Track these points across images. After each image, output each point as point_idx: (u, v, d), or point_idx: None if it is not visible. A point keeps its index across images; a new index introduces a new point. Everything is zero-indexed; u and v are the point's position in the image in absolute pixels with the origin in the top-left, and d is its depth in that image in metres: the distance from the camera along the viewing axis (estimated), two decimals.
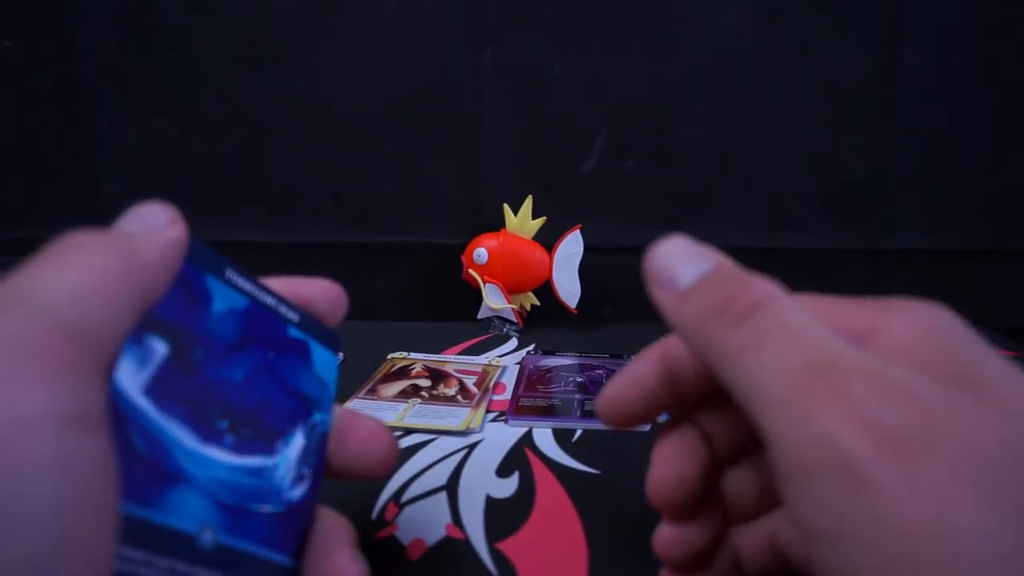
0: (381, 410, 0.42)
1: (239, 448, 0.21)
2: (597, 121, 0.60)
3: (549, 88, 0.60)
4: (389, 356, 0.52)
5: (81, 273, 0.17)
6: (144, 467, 0.18)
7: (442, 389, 0.46)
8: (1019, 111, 0.61)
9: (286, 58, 0.59)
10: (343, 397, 0.44)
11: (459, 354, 0.54)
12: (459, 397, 0.44)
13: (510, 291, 0.59)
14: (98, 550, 0.16)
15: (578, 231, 0.57)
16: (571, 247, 0.58)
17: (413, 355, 0.53)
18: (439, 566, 0.28)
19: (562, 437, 0.40)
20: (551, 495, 0.33)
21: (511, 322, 0.60)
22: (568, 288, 0.58)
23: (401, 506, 0.32)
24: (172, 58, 0.58)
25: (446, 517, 0.32)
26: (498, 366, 0.51)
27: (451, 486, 0.34)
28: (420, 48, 0.59)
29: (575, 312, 0.58)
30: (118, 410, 0.18)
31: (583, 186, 0.61)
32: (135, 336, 0.19)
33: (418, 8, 0.58)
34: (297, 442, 0.23)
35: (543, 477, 0.35)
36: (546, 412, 0.43)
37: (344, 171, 0.61)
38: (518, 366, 0.51)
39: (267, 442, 0.22)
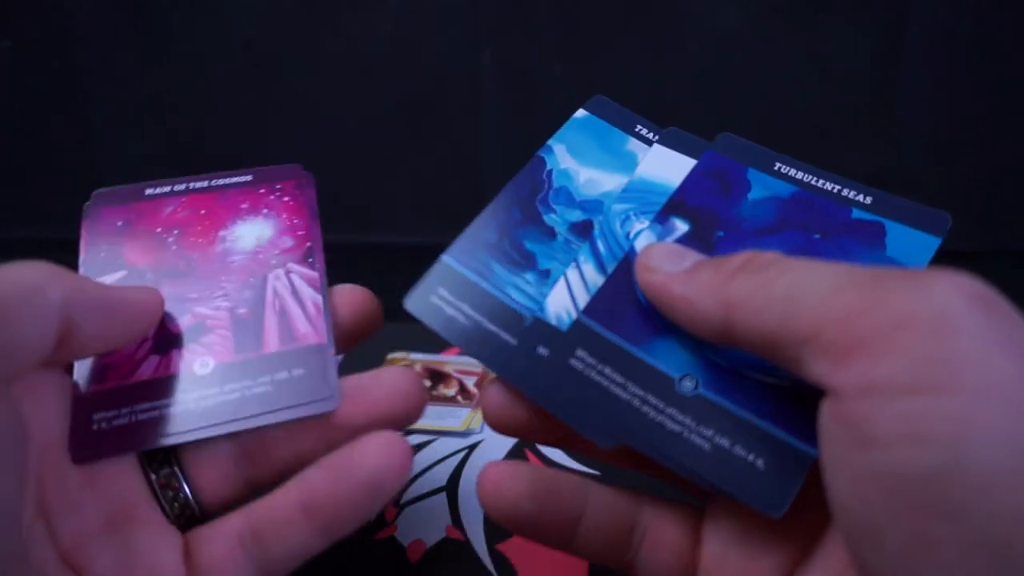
0: None
1: None
2: None
3: (549, 88, 0.60)
4: (389, 356, 0.52)
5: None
6: (641, 316, 0.22)
7: (442, 390, 0.46)
8: (1020, 111, 0.61)
9: (286, 58, 0.59)
10: None
11: (459, 354, 0.54)
12: (459, 398, 0.44)
13: None
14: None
15: None
16: None
17: (413, 355, 0.53)
18: (439, 567, 0.28)
19: None
20: None
21: None
22: None
23: (400, 507, 0.32)
24: (172, 58, 0.58)
25: (446, 518, 0.31)
26: None
27: (451, 487, 0.34)
28: (420, 48, 0.58)
29: None
30: (630, 266, 0.22)
31: None
32: (662, 216, 0.23)
33: (418, 8, 0.58)
34: None
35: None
36: None
37: (344, 171, 0.61)
38: None
39: None
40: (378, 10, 0.58)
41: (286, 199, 0.29)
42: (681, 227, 0.23)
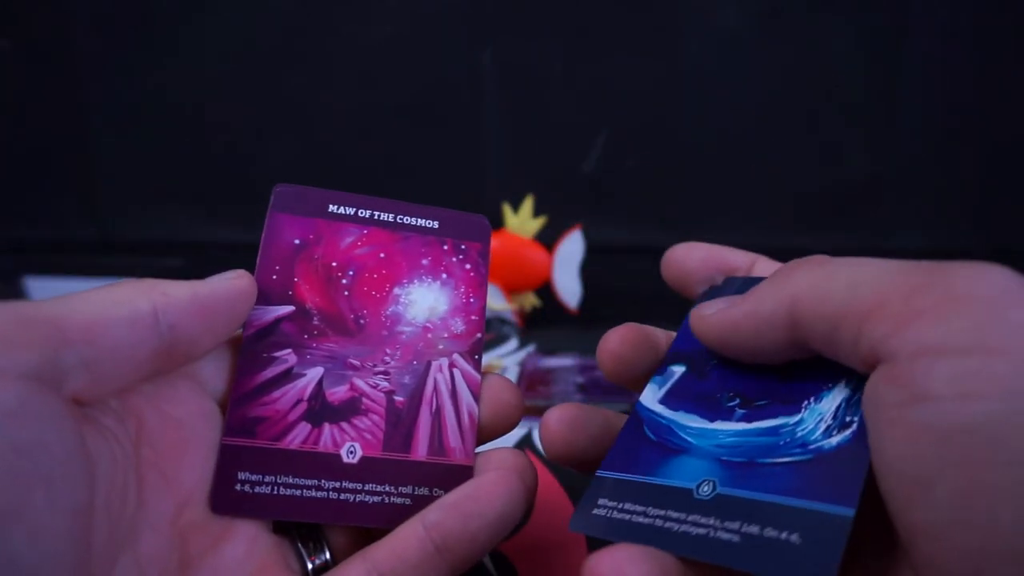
0: None
1: (750, 417, 0.23)
2: (597, 121, 0.60)
3: (549, 88, 0.60)
4: None
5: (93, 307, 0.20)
6: (652, 449, 0.23)
7: None
8: (1020, 111, 0.61)
9: (286, 58, 0.59)
10: None
11: None
12: None
13: (510, 291, 0.59)
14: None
15: (578, 231, 0.57)
16: (571, 247, 0.58)
17: None
18: None
19: None
20: (551, 496, 0.33)
21: (511, 323, 0.60)
22: (568, 288, 0.58)
23: None
24: (172, 58, 0.58)
25: None
26: (498, 366, 0.50)
27: None
28: (420, 48, 0.59)
29: (575, 312, 0.58)
30: (637, 417, 0.24)
31: (583, 186, 0.61)
32: (661, 369, 0.25)
33: (418, 8, 0.58)
34: (836, 396, 0.21)
35: (543, 478, 0.35)
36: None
37: (344, 171, 0.61)
38: (518, 367, 0.51)
39: (789, 404, 0.22)
40: (378, 10, 0.58)
41: (467, 267, 0.27)
42: (678, 371, 0.25)
